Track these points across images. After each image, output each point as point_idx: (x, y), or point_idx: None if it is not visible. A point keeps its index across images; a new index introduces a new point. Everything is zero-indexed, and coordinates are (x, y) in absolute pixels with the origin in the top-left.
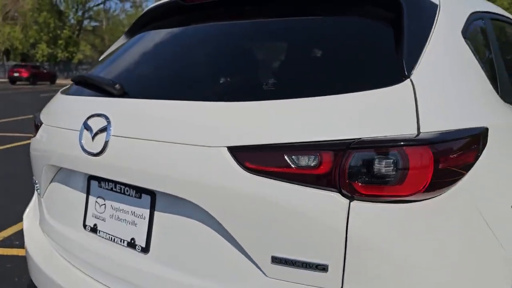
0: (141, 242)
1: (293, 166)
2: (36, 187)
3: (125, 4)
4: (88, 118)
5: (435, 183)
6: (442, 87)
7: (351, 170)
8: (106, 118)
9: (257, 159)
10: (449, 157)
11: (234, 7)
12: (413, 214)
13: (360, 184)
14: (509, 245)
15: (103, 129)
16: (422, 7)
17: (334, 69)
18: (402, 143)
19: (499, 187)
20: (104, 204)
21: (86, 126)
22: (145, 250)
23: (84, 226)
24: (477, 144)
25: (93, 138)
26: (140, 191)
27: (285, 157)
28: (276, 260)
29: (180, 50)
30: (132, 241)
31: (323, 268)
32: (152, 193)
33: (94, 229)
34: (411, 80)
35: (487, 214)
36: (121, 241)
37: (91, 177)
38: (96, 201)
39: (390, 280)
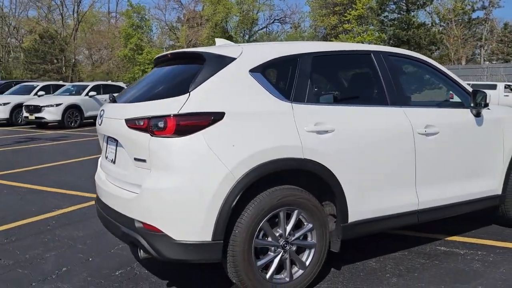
0: (113, 159)
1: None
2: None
3: (285, 25)
4: (101, 110)
5: (179, 131)
6: (207, 93)
7: (151, 126)
8: (103, 111)
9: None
10: (186, 122)
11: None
12: (174, 143)
13: (154, 131)
14: (231, 164)
15: (102, 115)
16: (217, 60)
17: (175, 87)
18: (168, 115)
19: (226, 137)
20: (108, 146)
21: (100, 114)
22: (113, 162)
23: (106, 157)
24: (214, 118)
25: (101, 121)
26: (114, 139)
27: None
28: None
29: (154, 78)
30: (111, 160)
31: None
32: (116, 140)
33: (106, 157)
34: (189, 93)
35: (217, 149)
36: (110, 160)
37: (106, 136)
38: (107, 146)
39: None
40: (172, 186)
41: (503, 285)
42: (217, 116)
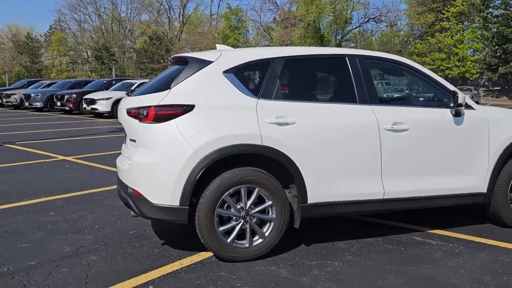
0: (124, 141)
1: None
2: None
3: (380, 24)
4: (120, 103)
5: (157, 119)
6: (184, 89)
7: (139, 114)
8: (119, 104)
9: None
10: (163, 112)
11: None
12: (153, 127)
13: (141, 118)
14: (195, 146)
15: (119, 107)
16: (197, 62)
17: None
18: (150, 106)
19: (193, 125)
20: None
21: (118, 106)
22: (125, 143)
23: (124, 142)
24: (185, 109)
25: (118, 112)
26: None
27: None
28: None
29: (158, 77)
30: (124, 142)
31: None
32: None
33: (124, 142)
34: (170, 88)
35: (185, 133)
36: (124, 143)
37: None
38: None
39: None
40: (150, 161)
41: (448, 271)
42: (188, 108)
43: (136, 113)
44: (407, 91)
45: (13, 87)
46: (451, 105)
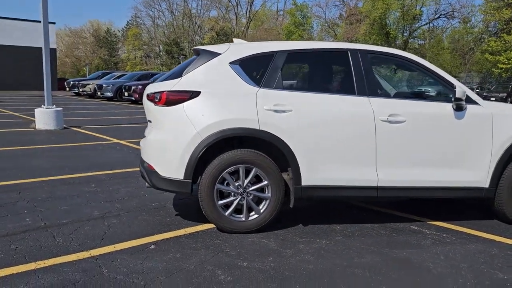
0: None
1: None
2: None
3: (453, 21)
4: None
5: (168, 102)
6: (193, 78)
7: (155, 98)
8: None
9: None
10: (173, 97)
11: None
12: (164, 110)
13: (155, 101)
14: (199, 127)
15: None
16: (207, 54)
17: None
18: (163, 91)
19: (198, 108)
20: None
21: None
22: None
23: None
24: (192, 95)
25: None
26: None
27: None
28: None
29: (178, 66)
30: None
31: None
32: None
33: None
34: (181, 76)
35: (191, 116)
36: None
37: None
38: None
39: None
40: (161, 139)
41: (428, 256)
42: (195, 94)
43: (152, 97)
44: (408, 85)
45: (89, 78)
46: (452, 99)
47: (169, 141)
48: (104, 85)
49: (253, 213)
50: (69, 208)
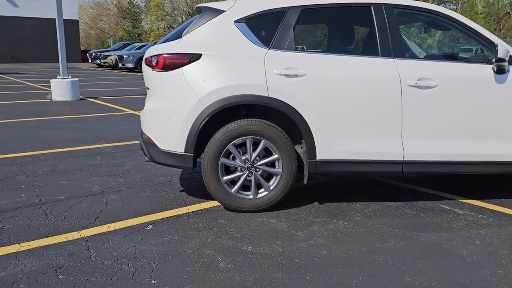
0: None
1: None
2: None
3: None
4: None
5: (166, 67)
6: (193, 39)
7: (152, 63)
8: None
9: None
10: (171, 60)
11: None
12: (162, 75)
13: (153, 66)
14: (200, 95)
15: None
16: (210, 12)
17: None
18: (160, 54)
19: (200, 73)
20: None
21: None
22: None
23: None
24: (192, 58)
25: None
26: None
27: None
28: None
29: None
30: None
31: None
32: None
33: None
34: (181, 37)
35: (191, 82)
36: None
37: None
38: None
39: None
40: (160, 108)
41: (461, 241)
42: (195, 57)
43: (150, 62)
44: (440, 46)
45: (110, 49)
46: (492, 60)
47: (168, 110)
48: (125, 56)
49: (262, 190)
50: (69, 183)
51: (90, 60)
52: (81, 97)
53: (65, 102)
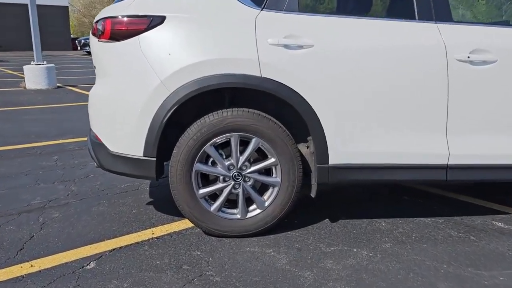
0: None
1: None
2: None
3: None
4: None
5: (115, 36)
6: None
7: (97, 31)
8: None
9: None
10: (122, 26)
11: None
12: (109, 48)
13: (99, 35)
14: (164, 75)
15: None
16: None
17: None
18: (105, 17)
19: (163, 44)
20: None
21: None
22: None
23: None
24: (152, 23)
25: None
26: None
27: None
28: None
29: None
30: None
31: None
32: None
33: None
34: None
35: (151, 57)
36: None
37: None
38: None
39: None
40: (107, 93)
41: None
42: (156, 20)
43: (95, 30)
44: (501, 4)
45: None
46: None
47: (119, 97)
48: None
49: (253, 207)
50: (4, 193)
51: (79, 48)
52: (58, 85)
53: (39, 90)
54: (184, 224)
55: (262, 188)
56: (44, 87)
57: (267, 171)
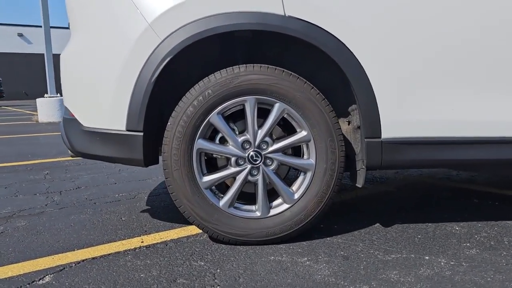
0: None
1: None
2: None
3: None
4: None
5: None
6: None
7: None
8: None
9: None
10: None
11: None
12: None
13: None
14: (152, 16)
15: None
16: None
17: None
18: None
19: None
20: None
21: None
22: None
23: None
24: None
25: None
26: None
27: None
28: None
29: None
30: None
31: None
32: None
33: None
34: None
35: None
36: None
37: None
38: None
39: None
40: (79, 51)
41: None
42: None
43: None
44: None
45: None
46: None
47: (95, 53)
48: None
49: (279, 201)
50: None
51: None
52: None
53: (51, 123)
54: (186, 231)
55: (287, 175)
56: (57, 119)
57: (295, 151)
